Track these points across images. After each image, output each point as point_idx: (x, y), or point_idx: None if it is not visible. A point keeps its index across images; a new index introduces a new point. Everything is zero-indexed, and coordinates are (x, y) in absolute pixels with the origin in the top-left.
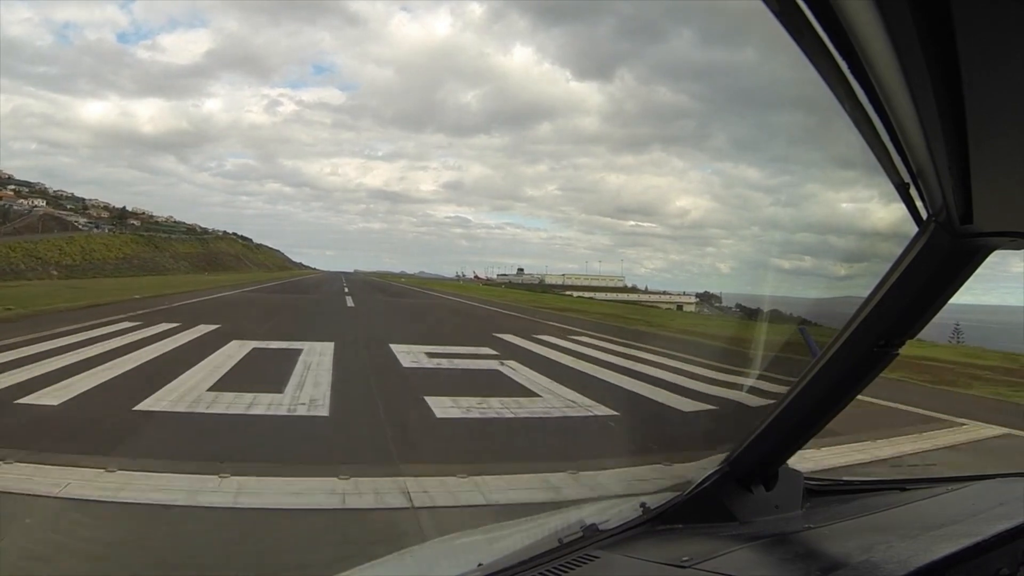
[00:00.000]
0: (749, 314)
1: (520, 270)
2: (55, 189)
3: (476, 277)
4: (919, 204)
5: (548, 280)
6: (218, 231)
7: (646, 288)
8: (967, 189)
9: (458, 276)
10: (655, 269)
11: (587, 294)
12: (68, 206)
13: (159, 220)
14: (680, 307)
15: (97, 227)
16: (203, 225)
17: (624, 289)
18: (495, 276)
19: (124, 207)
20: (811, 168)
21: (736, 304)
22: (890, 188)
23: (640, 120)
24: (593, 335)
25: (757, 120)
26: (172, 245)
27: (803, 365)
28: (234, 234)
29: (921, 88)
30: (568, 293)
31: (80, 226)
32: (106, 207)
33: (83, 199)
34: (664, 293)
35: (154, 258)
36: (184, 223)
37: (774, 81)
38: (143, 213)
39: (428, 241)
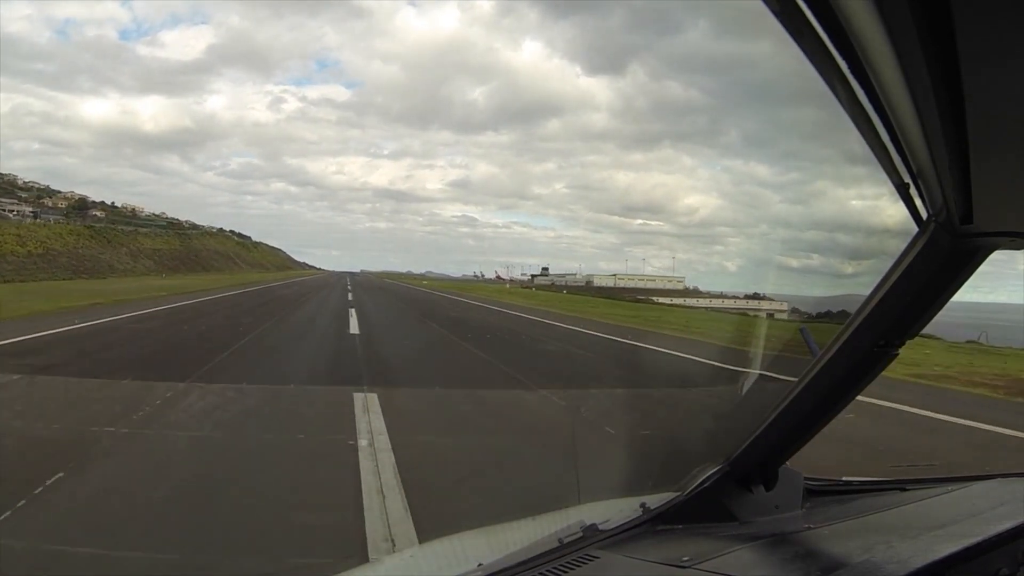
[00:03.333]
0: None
1: (545, 269)
2: (26, 181)
3: (499, 278)
4: (919, 204)
5: (597, 281)
6: (212, 228)
7: (691, 287)
8: (967, 189)
9: (476, 276)
10: (661, 268)
11: (662, 300)
12: (21, 195)
13: (140, 214)
14: (771, 315)
15: (37, 216)
16: (212, 225)
17: (687, 292)
18: (519, 276)
19: (107, 201)
20: (818, 165)
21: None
22: (893, 187)
23: (650, 116)
24: None
25: (763, 117)
26: (136, 239)
27: (803, 364)
28: (231, 231)
29: (921, 88)
30: (655, 300)
31: (11, 215)
32: (71, 199)
33: (50, 189)
34: (716, 295)
35: (100, 255)
36: (167, 217)
37: (777, 80)
38: (129, 208)
39: (434, 240)
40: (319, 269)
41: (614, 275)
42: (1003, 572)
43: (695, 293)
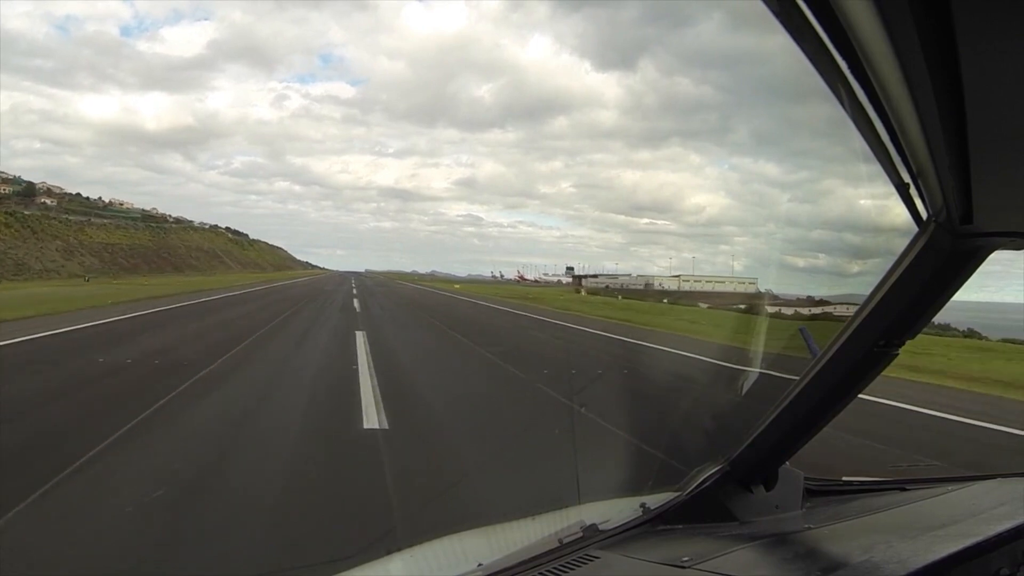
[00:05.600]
0: None
1: (570, 268)
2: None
3: (521, 278)
4: (919, 204)
5: (656, 284)
6: (205, 224)
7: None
8: (967, 189)
9: (494, 276)
10: (667, 268)
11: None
12: None
13: (117, 207)
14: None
15: None
16: (217, 224)
17: (760, 296)
18: (542, 276)
19: (114, 200)
20: (823, 165)
21: None
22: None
23: (659, 113)
24: None
25: (769, 115)
26: (82, 232)
27: (803, 364)
28: (226, 228)
29: (921, 88)
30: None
31: None
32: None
33: (21, 179)
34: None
35: (7, 251)
36: (142, 209)
37: (781, 79)
38: (116, 201)
39: (439, 240)
40: (324, 269)
41: (677, 276)
42: (1003, 572)
43: (767, 297)
